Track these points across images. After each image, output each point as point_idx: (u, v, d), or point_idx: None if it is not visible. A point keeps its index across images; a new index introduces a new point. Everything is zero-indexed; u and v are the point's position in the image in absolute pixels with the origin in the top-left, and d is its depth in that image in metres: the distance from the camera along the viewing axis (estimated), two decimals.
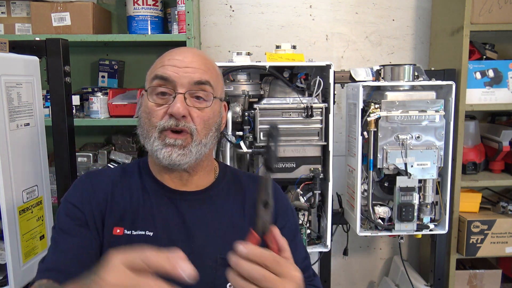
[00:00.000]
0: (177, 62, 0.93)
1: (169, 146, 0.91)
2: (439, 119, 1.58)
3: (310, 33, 2.19)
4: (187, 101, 0.91)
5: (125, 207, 0.94)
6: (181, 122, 0.90)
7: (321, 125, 1.62)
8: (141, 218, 0.93)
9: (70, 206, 0.93)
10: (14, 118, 1.22)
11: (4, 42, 1.28)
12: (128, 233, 0.92)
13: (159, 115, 0.92)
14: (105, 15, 2.02)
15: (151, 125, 0.92)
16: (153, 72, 0.95)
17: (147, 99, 0.94)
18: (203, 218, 0.96)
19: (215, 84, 0.96)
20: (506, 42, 2.12)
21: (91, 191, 0.95)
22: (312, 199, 1.64)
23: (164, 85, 0.92)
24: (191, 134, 0.92)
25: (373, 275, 2.41)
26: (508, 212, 1.98)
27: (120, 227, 0.92)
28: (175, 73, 0.91)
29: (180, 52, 0.96)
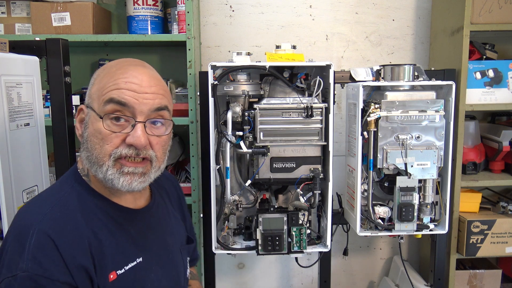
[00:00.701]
0: (135, 86, 0.86)
1: (128, 174, 0.87)
2: (439, 119, 1.58)
3: (310, 33, 2.19)
4: (147, 129, 0.87)
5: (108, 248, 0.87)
6: (142, 151, 0.87)
7: (321, 125, 1.62)
8: (127, 250, 0.91)
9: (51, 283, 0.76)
10: (14, 118, 1.22)
11: (4, 42, 1.28)
12: (122, 272, 0.88)
13: (115, 143, 0.85)
14: (105, 15, 2.02)
15: (104, 152, 0.85)
16: (106, 94, 0.85)
17: (99, 124, 0.85)
18: (162, 223, 1.04)
19: (170, 107, 0.94)
20: (506, 42, 2.12)
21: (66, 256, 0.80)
22: (312, 199, 1.64)
23: (120, 111, 0.85)
24: (150, 161, 0.89)
25: (373, 275, 2.41)
26: (508, 212, 1.98)
27: (112, 271, 0.86)
28: (134, 99, 0.85)
29: (135, 74, 0.87)
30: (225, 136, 1.61)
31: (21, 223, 0.83)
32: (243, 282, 2.36)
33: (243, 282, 2.36)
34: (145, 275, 0.92)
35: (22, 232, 0.80)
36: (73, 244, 0.82)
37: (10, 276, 0.76)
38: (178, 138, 2.15)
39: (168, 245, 1.03)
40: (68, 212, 0.86)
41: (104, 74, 0.89)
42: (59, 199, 0.88)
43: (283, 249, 1.61)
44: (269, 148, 1.60)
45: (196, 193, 1.89)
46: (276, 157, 1.62)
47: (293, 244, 1.62)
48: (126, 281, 0.88)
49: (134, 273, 0.90)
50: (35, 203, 0.89)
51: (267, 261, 2.35)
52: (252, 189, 1.74)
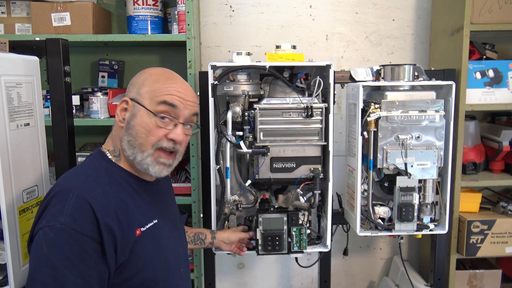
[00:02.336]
0: (183, 94, 1.09)
1: (162, 164, 1.09)
2: (439, 119, 1.57)
3: (310, 33, 2.19)
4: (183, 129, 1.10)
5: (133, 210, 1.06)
6: (177, 146, 1.09)
7: (321, 125, 1.62)
8: (146, 213, 1.11)
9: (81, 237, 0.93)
10: (14, 118, 1.22)
11: (4, 42, 1.28)
12: (144, 229, 1.07)
13: (158, 136, 1.06)
14: (105, 15, 2.02)
15: (149, 141, 1.06)
16: (159, 96, 1.06)
17: (149, 119, 1.06)
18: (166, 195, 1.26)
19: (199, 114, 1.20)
20: (506, 42, 2.12)
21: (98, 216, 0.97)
22: (312, 199, 1.64)
23: (169, 112, 1.07)
24: (175, 154, 1.12)
25: (373, 275, 2.41)
26: (508, 212, 1.98)
27: (138, 228, 1.05)
28: (181, 104, 1.08)
29: (182, 86, 1.11)
30: (225, 136, 1.61)
31: (62, 187, 1.00)
32: (243, 282, 2.36)
33: (243, 282, 2.36)
34: (160, 233, 1.12)
35: (63, 194, 0.97)
36: (103, 208, 0.98)
37: (47, 226, 0.93)
38: None
39: (172, 212, 1.25)
40: (98, 182, 1.03)
41: (154, 80, 1.10)
42: (90, 172, 1.06)
43: (283, 249, 1.61)
44: (269, 148, 1.61)
45: (196, 193, 1.89)
46: (276, 157, 1.62)
47: (293, 244, 1.62)
48: (148, 236, 1.07)
49: (153, 230, 1.09)
50: (71, 174, 1.07)
51: (267, 261, 2.35)
52: (252, 189, 1.74)
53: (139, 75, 1.14)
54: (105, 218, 0.97)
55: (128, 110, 1.09)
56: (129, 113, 1.08)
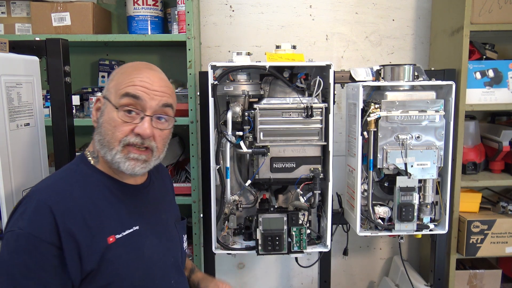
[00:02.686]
0: (148, 84, 1.01)
1: (133, 160, 1.01)
2: (439, 119, 1.58)
3: (310, 33, 2.19)
4: (153, 123, 1.02)
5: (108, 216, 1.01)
6: (146, 141, 1.01)
7: (321, 125, 1.62)
8: (125, 219, 1.04)
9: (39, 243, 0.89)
10: (14, 118, 1.22)
11: (4, 42, 1.28)
12: (120, 236, 1.01)
13: (124, 131, 1.00)
14: (105, 15, 2.02)
15: (115, 138, 1.00)
16: (122, 89, 1.00)
17: (114, 114, 1.00)
18: (157, 200, 1.17)
19: (174, 106, 1.09)
20: (506, 42, 2.12)
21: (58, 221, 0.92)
22: (312, 199, 1.64)
23: (133, 105, 1.00)
24: (152, 151, 1.04)
25: (373, 275, 2.41)
26: (508, 212, 1.98)
27: (111, 235, 0.99)
28: (146, 94, 1.00)
29: (148, 75, 1.03)
30: (225, 136, 1.61)
31: (29, 193, 0.99)
32: (243, 282, 2.36)
33: (243, 282, 2.36)
34: (142, 241, 1.05)
35: (27, 199, 0.97)
36: (66, 212, 0.94)
37: (9, 231, 0.92)
38: (178, 138, 2.15)
39: (163, 219, 1.16)
40: (68, 185, 1.00)
41: (121, 72, 1.05)
42: (63, 175, 1.04)
43: (283, 249, 1.61)
44: (269, 148, 1.61)
45: (196, 193, 1.89)
46: (276, 157, 1.62)
47: (293, 244, 1.62)
48: (125, 244, 1.01)
49: (132, 238, 1.03)
50: (46, 178, 1.07)
51: (267, 261, 2.35)
52: (252, 189, 1.74)
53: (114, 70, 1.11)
54: (66, 223, 0.92)
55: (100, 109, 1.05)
56: (100, 111, 1.05)
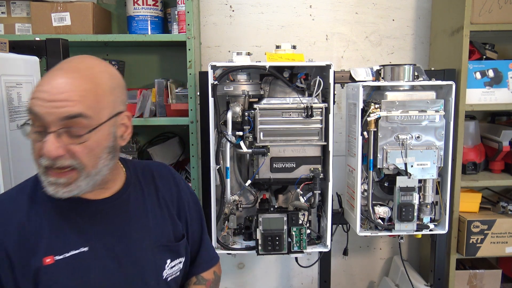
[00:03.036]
0: (45, 94, 0.82)
1: (53, 184, 0.86)
2: (439, 119, 1.58)
3: (310, 33, 2.19)
4: (63, 138, 0.83)
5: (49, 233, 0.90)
6: (58, 161, 0.83)
7: (321, 125, 1.62)
8: (71, 238, 0.91)
9: None
10: (14, 118, 1.22)
11: (4, 42, 1.28)
12: (60, 258, 0.89)
13: (37, 153, 0.85)
14: (105, 15, 2.02)
15: (35, 159, 0.87)
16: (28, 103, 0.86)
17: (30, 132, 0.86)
18: (130, 216, 1.00)
19: (93, 112, 0.85)
20: (506, 42, 2.12)
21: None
22: (312, 199, 1.64)
23: (36, 123, 0.84)
24: (77, 169, 0.86)
25: (373, 275, 2.41)
26: (508, 212, 1.98)
27: (49, 255, 0.88)
28: (43, 109, 0.82)
29: (50, 81, 0.84)
30: (225, 136, 1.61)
31: None
32: (243, 282, 2.36)
33: (243, 282, 2.36)
34: (91, 265, 0.92)
35: None
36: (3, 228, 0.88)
37: None
38: (178, 138, 2.15)
39: (131, 239, 0.98)
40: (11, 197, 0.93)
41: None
42: (17, 187, 0.97)
43: (283, 249, 1.61)
44: (269, 148, 1.61)
45: (196, 193, 1.89)
46: (276, 157, 1.62)
47: (293, 244, 1.62)
48: (66, 267, 0.89)
49: (76, 260, 0.90)
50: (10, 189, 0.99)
51: (267, 261, 2.35)
52: (252, 189, 1.74)
53: None
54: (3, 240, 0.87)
55: None
56: None
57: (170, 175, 1.14)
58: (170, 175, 1.14)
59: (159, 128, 2.15)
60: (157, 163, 1.19)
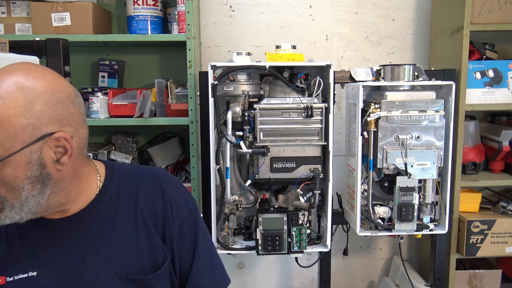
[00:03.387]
0: None
1: None
2: (439, 119, 1.58)
3: (310, 33, 2.19)
4: None
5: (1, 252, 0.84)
6: None
7: (321, 125, 1.62)
8: (21, 260, 0.84)
9: None
10: None
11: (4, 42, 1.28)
12: (10, 280, 0.83)
13: None
14: (105, 15, 2.02)
15: None
16: None
17: None
18: (92, 238, 0.88)
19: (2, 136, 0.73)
20: (506, 42, 2.12)
21: None
22: (312, 199, 1.64)
23: None
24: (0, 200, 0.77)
25: (373, 275, 2.41)
26: (508, 212, 1.98)
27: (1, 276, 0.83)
28: None
29: None
30: (225, 136, 1.61)
31: None
32: (243, 282, 2.36)
33: (243, 282, 2.36)
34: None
35: None
36: None
37: None
38: (178, 138, 2.15)
39: (87, 267, 0.86)
40: None
41: None
42: None
43: (283, 249, 1.61)
44: (269, 148, 1.61)
45: (196, 193, 1.89)
46: (276, 157, 1.62)
47: (293, 244, 1.62)
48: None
49: (24, 285, 0.83)
50: None
51: (267, 261, 2.35)
52: (252, 189, 1.74)
53: None
54: None
55: None
56: None
57: (159, 191, 0.96)
58: (159, 190, 0.97)
59: (159, 128, 2.15)
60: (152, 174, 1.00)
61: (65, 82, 0.84)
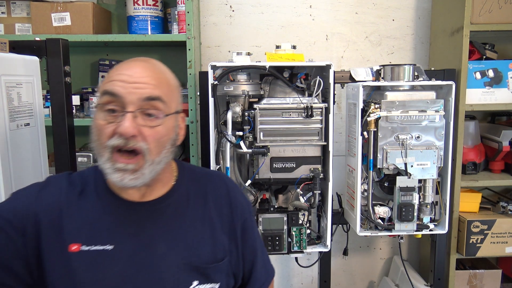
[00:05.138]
0: (126, 77, 0.88)
1: (120, 171, 0.87)
2: (439, 119, 1.58)
3: (310, 33, 2.19)
4: (138, 119, 0.87)
5: (81, 222, 0.92)
6: (131, 141, 0.86)
7: (321, 125, 1.62)
8: (99, 233, 0.92)
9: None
10: (14, 118, 1.22)
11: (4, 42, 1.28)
12: (86, 249, 0.90)
13: (107, 134, 0.87)
14: (105, 15, 2.02)
15: (101, 144, 0.88)
16: (102, 87, 0.89)
17: (97, 115, 0.89)
18: (164, 226, 0.96)
19: (168, 99, 0.91)
20: (506, 42, 2.12)
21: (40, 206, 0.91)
22: (312, 199, 1.64)
23: (114, 102, 0.87)
24: (143, 154, 0.87)
25: (373, 275, 2.41)
26: (508, 212, 1.98)
27: (76, 243, 0.90)
28: (124, 89, 0.86)
29: (129, 66, 0.91)
30: (225, 136, 1.61)
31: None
32: None
33: None
34: (111, 265, 0.91)
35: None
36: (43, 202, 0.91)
37: None
38: None
39: (156, 250, 0.94)
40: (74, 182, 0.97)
41: (109, 71, 0.94)
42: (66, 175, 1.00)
43: (283, 249, 1.61)
44: (269, 148, 1.61)
45: None
46: (276, 157, 1.62)
47: (293, 244, 1.62)
48: (89, 259, 0.90)
49: (99, 256, 0.90)
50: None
51: None
52: (252, 189, 1.74)
53: None
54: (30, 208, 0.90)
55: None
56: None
57: (224, 191, 1.06)
58: (225, 191, 1.06)
59: None
60: (218, 176, 1.11)
61: None
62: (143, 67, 0.92)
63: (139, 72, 0.89)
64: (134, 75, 0.88)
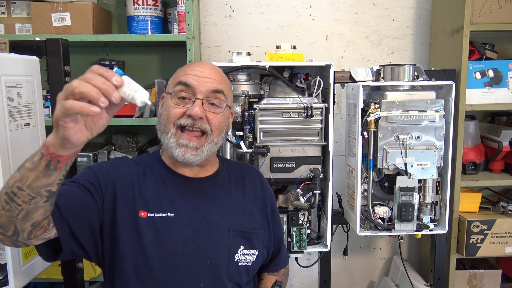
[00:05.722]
0: (198, 72, 1.11)
1: (183, 146, 1.08)
2: (439, 119, 1.58)
3: (310, 33, 2.19)
4: (204, 106, 1.09)
5: (147, 194, 1.09)
6: (198, 122, 1.08)
7: (321, 125, 1.62)
8: (163, 203, 1.10)
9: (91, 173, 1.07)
10: (14, 118, 1.22)
11: (4, 42, 1.29)
12: (151, 216, 1.07)
13: (177, 114, 1.08)
14: (105, 15, 2.02)
15: (170, 121, 1.08)
16: (176, 79, 1.12)
17: (169, 100, 1.10)
18: (215, 199, 1.17)
19: (227, 94, 1.15)
20: (506, 42, 2.12)
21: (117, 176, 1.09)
22: (312, 199, 1.64)
23: (186, 91, 1.09)
24: (206, 134, 1.10)
25: (373, 275, 2.41)
26: (508, 212, 1.98)
27: (144, 210, 1.07)
28: (196, 82, 1.09)
29: (200, 65, 1.14)
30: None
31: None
32: None
33: None
34: (173, 229, 1.08)
35: None
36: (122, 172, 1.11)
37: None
38: None
39: (211, 217, 1.13)
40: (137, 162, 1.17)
41: (180, 68, 1.16)
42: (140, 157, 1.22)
43: None
44: (269, 148, 1.61)
45: None
46: (276, 157, 1.63)
47: (293, 244, 1.62)
48: (154, 224, 1.07)
49: (163, 222, 1.07)
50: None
51: None
52: None
53: None
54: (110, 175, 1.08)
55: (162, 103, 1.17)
56: (161, 105, 1.16)
57: (258, 178, 1.30)
58: (258, 178, 1.30)
59: None
60: (249, 166, 1.37)
61: None
62: (211, 67, 1.15)
63: (208, 69, 1.13)
64: (204, 71, 1.11)
